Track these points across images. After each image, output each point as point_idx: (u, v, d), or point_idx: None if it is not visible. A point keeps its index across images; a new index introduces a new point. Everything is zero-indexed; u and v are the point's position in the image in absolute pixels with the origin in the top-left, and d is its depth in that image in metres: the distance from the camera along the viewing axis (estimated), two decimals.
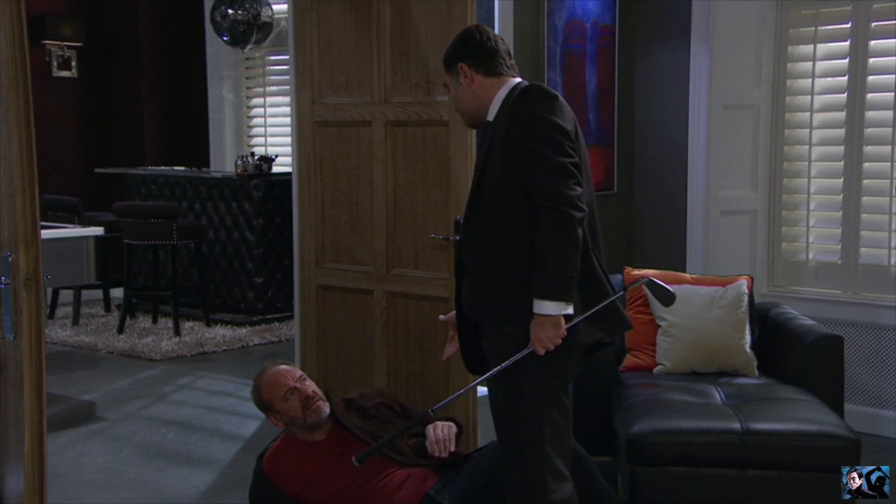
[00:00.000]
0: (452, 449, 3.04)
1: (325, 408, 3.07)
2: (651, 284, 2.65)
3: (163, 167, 7.50)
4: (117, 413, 4.76)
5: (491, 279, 2.51)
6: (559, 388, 2.51)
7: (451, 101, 2.69)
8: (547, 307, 2.38)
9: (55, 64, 7.54)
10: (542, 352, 2.41)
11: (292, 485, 3.05)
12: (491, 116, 2.58)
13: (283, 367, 3.15)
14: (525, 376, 2.46)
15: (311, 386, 3.10)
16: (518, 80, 2.60)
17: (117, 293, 6.99)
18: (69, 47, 7.57)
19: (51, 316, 6.89)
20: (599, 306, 2.48)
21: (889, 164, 4.29)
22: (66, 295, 6.92)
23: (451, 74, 2.63)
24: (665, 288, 2.62)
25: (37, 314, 1.95)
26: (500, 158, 2.46)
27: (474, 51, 2.58)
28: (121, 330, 6.38)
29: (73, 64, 7.64)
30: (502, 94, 2.56)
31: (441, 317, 2.83)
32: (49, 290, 6.71)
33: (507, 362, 2.45)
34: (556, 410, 2.49)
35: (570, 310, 2.41)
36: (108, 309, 7.10)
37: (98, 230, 4.97)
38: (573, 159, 2.41)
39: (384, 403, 3.23)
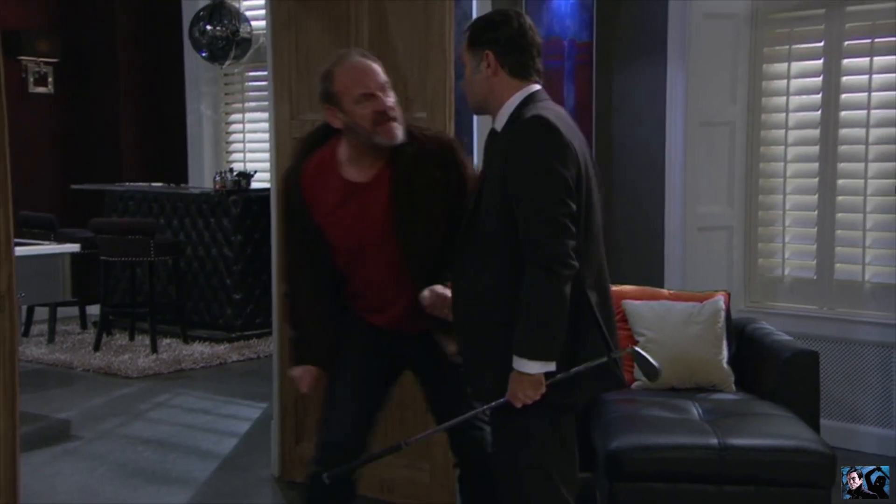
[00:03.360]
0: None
1: (400, 133, 2.57)
2: (636, 355, 2.52)
3: (140, 183, 7.47)
4: (93, 431, 4.71)
5: (476, 317, 2.40)
6: (563, 441, 2.45)
7: (465, 80, 2.45)
8: (528, 366, 2.27)
9: (31, 80, 7.50)
10: (518, 406, 2.31)
11: (316, 210, 2.67)
12: (498, 125, 2.41)
13: (372, 64, 2.61)
14: (527, 427, 2.38)
15: (392, 99, 2.59)
16: (537, 87, 2.42)
17: (94, 310, 6.93)
18: (46, 63, 7.54)
19: (25, 334, 6.81)
20: (588, 365, 2.34)
21: (862, 180, 4.35)
22: (42, 312, 6.85)
23: (474, 55, 2.40)
24: (649, 361, 2.49)
25: (10, 332, 1.93)
26: (498, 189, 2.31)
27: (507, 42, 2.37)
28: (97, 347, 6.32)
29: (50, 80, 7.60)
30: (516, 100, 2.38)
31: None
32: (24, 308, 6.64)
33: (481, 408, 2.40)
34: (561, 451, 2.44)
35: (551, 367, 2.29)
36: (84, 326, 7.04)
37: (74, 247, 4.93)
38: (568, 209, 2.24)
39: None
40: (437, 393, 2.82)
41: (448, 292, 2.59)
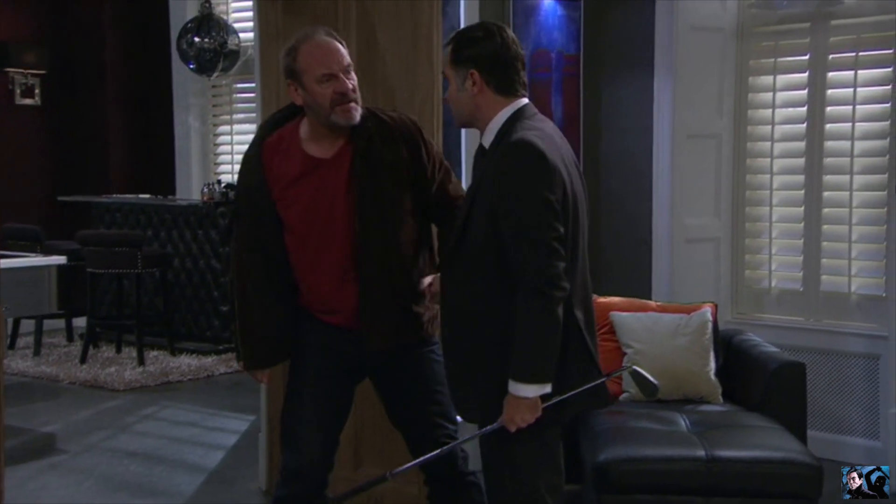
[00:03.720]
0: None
1: (357, 115, 2.57)
2: (635, 374, 2.52)
3: (128, 195, 7.44)
4: (79, 445, 4.68)
5: (463, 334, 2.37)
6: (550, 454, 2.45)
7: (449, 96, 2.42)
8: (525, 389, 2.25)
9: (18, 91, 7.47)
10: (513, 430, 2.30)
11: (275, 183, 2.64)
12: (486, 142, 2.39)
13: (337, 44, 2.59)
14: (519, 448, 2.37)
15: (353, 81, 2.58)
16: (524, 101, 2.39)
17: (80, 322, 6.89)
18: (33, 75, 7.52)
19: (11, 346, 6.77)
20: (581, 389, 2.35)
21: (848, 192, 4.37)
22: (28, 325, 6.81)
23: (457, 72, 2.37)
24: (648, 379, 2.48)
25: None
26: (486, 210, 2.30)
27: (491, 58, 2.34)
28: (83, 360, 6.28)
29: (37, 91, 7.58)
30: (503, 116, 2.36)
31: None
32: (10, 320, 6.59)
33: (473, 435, 2.38)
34: (549, 465, 2.43)
35: (547, 389, 2.28)
36: (70, 339, 7.00)
37: (60, 259, 4.91)
38: (556, 232, 2.23)
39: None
40: (396, 404, 2.77)
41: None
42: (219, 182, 6.95)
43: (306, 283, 2.68)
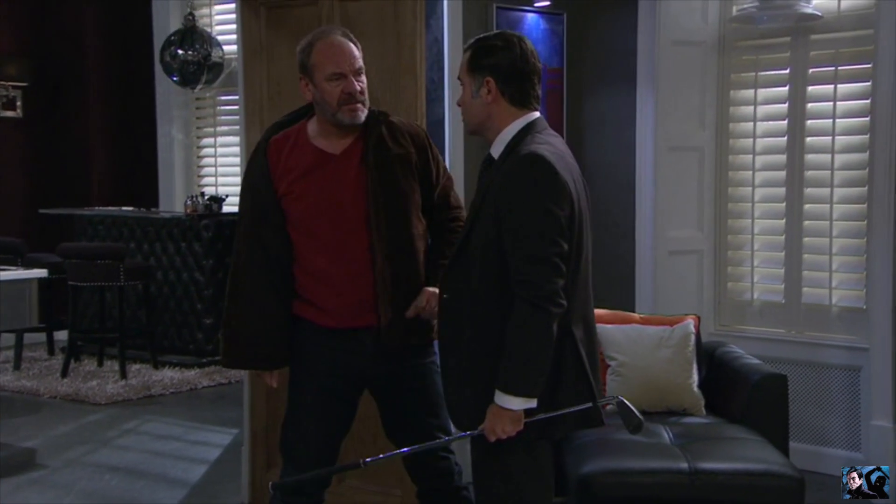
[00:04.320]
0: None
1: (362, 116, 2.63)
2: (621, 406, 2.47)
3: (110, 207, 7.41)
4: (59, 460, 4.63)
5: (461, 341, 2.37)
6: (539, 468, 2.44)
7: (462, 101, 2.43)
8: (509, 401, 2.25)
9: (0, 104, 7.44)
10: (492, 440, 2.29)
11: (282, 178, 2.67)
12: (495, 152, 2.39)
13: (351, 46, 2.64)
14: (506, 461, 2.36)
15: (363, 83, 2.64)
16: (536, 115, 2.41)
17: (62, 336, 6.84)
18: (14, 87, 7.49)
19: None
20: (572, 410, 2.34)
21: (828, 205, 4.41)
22: (8, 338, 6.75)
23: (474, 78, 2.37)
24: (633, 413, 2.45)
25: None
26: (491, 221, 2.30)
27: (509, 68, 2.35)
28: (64, 373, 6.24)
29: (19, 104, 7.54)
30: (514, 128, 2.37)
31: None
32: None
33: (453, 437, 2.39)
34: (537, 480, 2.43)
35: (533, 404, 2.27)
36: (51, 352, 6.95)
37: (41, 272, 4.88)
38: (560, 249, 2.24)
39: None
40: (395, 416, 2.77)
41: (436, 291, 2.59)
42: (202, 194, 6.93)
43: (316, 281, 2.66)
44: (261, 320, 2.68)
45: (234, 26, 6.53)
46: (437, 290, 2.59)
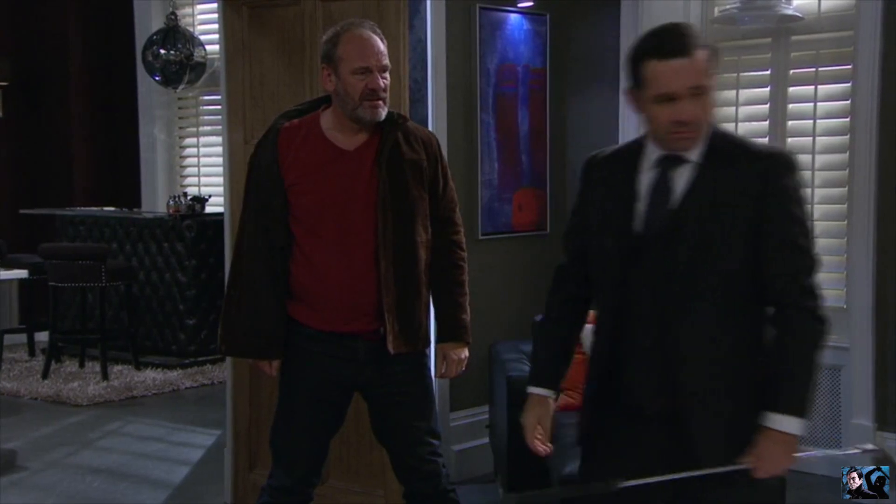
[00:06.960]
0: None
1: (382, 113, 2.60)
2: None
3: (92, 208, 7.37)
4: (40, 462, 4.61)
5: (726, 381, 2.12)
6: None
7: (709, 104, 2.08)
8: (794, 425, 2.05)
9: None
10: (764, 475, 2.11)
11: (290, 168, 2.63)
12: (692, 154, 2.08)
13: (379, 42, 2.61)
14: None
15: (386, 81, 2.61)
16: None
17: (42, 337, 6.79)
18: None
19: None
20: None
21: (809, 205, 4.43)
22: None
23: (712, 80, 2.08)
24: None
25: None
26: (740, 231, 2.06)
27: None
28: (45, 375, 6.19)
29: None
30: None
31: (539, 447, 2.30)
32: None
33: (713, 471, 2.14)
34: None
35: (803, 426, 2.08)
36: (32, 353, 6.89)
37: (22, 273, 4.86)
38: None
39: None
40: (385, 419, 2.75)
41: (462, 354, 2.68)
42: (185, 194, 6.90)
43: (313, 279, 2.62)
44: (259, 307, 2.66)
45: (216, 26, 6.51)
46: (458, 350, 2.69)
